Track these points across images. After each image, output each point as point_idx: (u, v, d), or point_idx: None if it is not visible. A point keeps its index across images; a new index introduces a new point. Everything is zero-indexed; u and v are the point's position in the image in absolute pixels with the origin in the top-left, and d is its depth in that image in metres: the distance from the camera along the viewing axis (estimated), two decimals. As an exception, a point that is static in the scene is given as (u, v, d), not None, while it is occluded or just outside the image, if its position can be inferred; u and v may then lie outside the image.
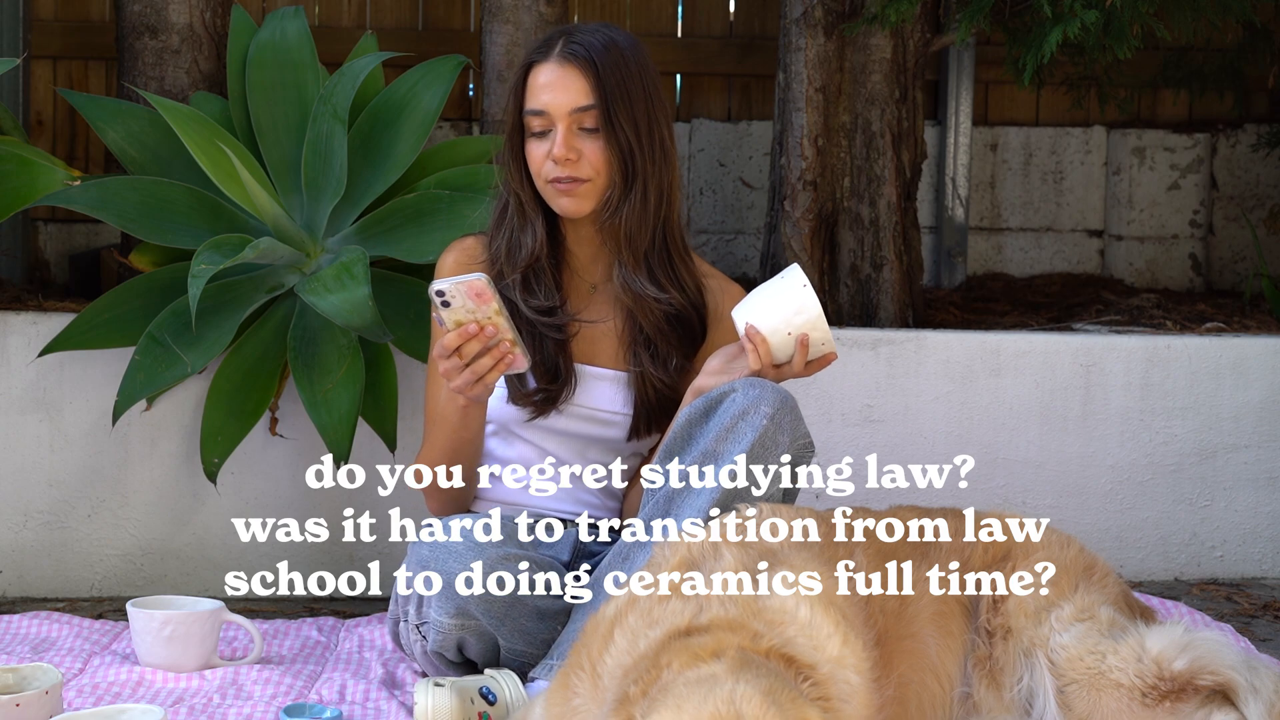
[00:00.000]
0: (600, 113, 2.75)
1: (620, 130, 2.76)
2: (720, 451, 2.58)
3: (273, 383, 3.45)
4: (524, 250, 2.84)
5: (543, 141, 2.78)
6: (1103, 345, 3.76)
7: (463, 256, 2.91)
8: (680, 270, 2.86)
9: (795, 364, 2.67)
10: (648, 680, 2.00)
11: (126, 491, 3.53)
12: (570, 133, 2.76)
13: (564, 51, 2.76)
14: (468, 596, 2.58)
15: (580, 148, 2.76)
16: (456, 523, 2.65)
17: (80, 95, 3.64)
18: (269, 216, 3.40)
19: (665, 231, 2.84)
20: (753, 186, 4.82)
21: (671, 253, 2.86)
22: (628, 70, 2.78)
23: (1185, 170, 4.99)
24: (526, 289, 2.84)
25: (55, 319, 3.49)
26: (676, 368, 2.85)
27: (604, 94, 2.75)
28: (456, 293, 2.58)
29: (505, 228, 2.87)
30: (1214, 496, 3.79)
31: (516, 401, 2.84)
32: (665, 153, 2.82)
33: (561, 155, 2.75)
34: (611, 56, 2.77)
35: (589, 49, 2.76)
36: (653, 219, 2.82)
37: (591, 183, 2.78)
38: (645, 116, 2.78)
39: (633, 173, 2.78)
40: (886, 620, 2.36)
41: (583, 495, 2.92)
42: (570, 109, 2.75)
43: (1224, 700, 2.38)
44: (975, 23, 3.77)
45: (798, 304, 2.64)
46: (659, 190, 2.81)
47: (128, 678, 2.82)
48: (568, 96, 2.75)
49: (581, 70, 2.75)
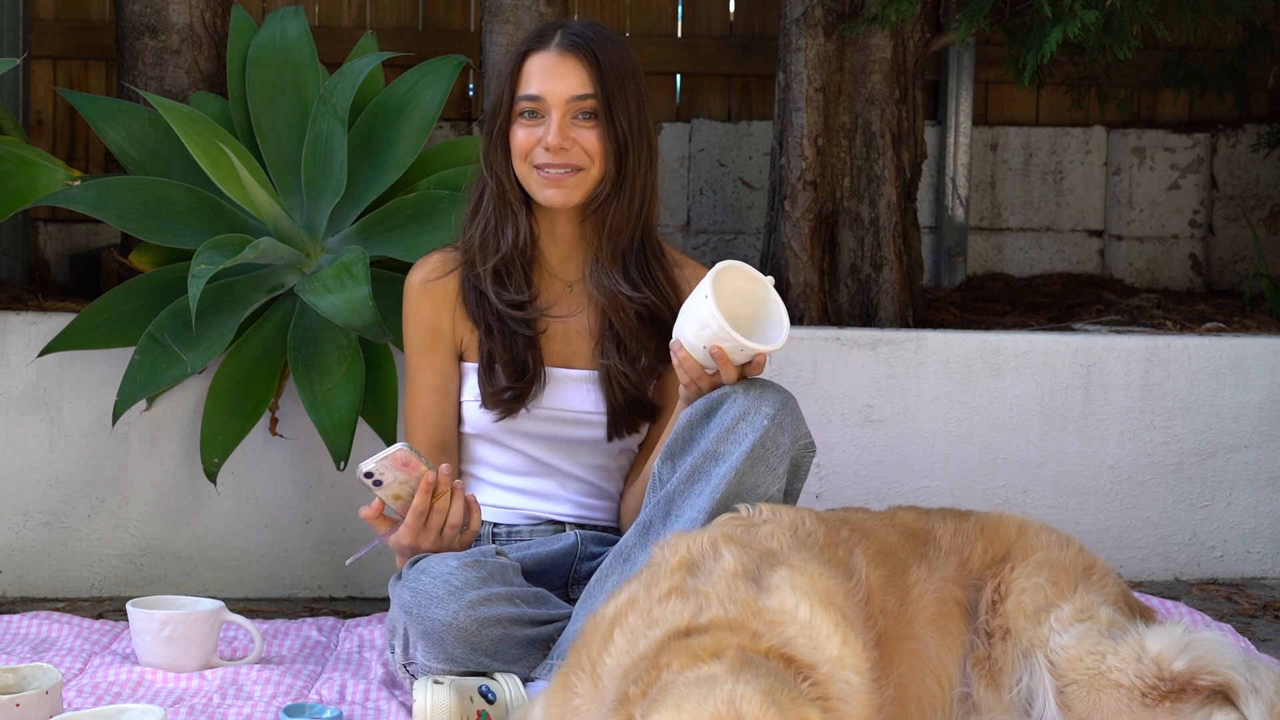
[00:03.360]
0: (600, 102, 2.76)
1: (619, 122, 2.77)
2: (721, 452, 2.58)
3: (273, 383, 3.45)
4: (505, 242, 2.84)
5: (534, 128, 2.78)
6: (1103, 345, 3.76)
7: (429, 274, 2.92)
8: (655, 270, 2.88)
9: (725, 374, 2.62)
10: (647, 680, 2.00)
11: (126, 491, 3.53)
12: (565, 121, 2.76)
13: (564, 41, 2.78)
14: (452, 642, 2.58)
15: (574, 136, 2.77)
16: (437, 564, 2.64)
17: (80, 95, 3.64)
18: (269, 216, 3.40)
19: (644, 231, 2.87)
20: (753, 186, 4.82)
21: (648, 253, 2.88)
22: (625, 66, 2.80)
23: (1185, 170, 4.99)
24: (498, 281, 2.85)
25: (55, 319, 3.49)
26: (644, 367, 2.85)
27: (604, 84, 2.76)
28: (385, 469, 2.62)
29: (481, 217, 2.87)
30: (1214, 496, 3.79)
31: (486, 403, 2.85)
32: (652, 153, 2.84)
33: (555, 143, 2.75)
34: (610, 50, 2.79)
35: (589, 40, 2.78)
36: (635, 217, 2.84)
37: (585, 172, 2.78)
38: (638, 114, 2.81)
39: (624, 167, 2.80)
40: (886, 620, 2.36)
41: (574, 497, 2.93)
42: (568, 97, 2.76)
43: (1224, 700, 2.38)
44: (975, 23, 3.77)
45: (702, 318, 2.58)
46: (644, 189, 2.83)
47: (128, 678, 2.82)
48: (566, 84, 2.76)
49: (582, 60, 2.76)
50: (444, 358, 2.91)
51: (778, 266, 4.06)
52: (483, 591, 2.59)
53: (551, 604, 2.70)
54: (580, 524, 2.92)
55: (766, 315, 2.65)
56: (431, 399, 2.92)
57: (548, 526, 2.91)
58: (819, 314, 4.03)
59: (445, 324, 2.90)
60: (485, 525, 2.92)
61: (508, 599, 2.62)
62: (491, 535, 2.92)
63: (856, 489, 3.65)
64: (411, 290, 2.93)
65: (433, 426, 2.92)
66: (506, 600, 2.62)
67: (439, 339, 2.91)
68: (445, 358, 2.91)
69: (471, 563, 2.64)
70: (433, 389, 2.92)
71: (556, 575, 2.85)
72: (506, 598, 2.62)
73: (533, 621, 2.63)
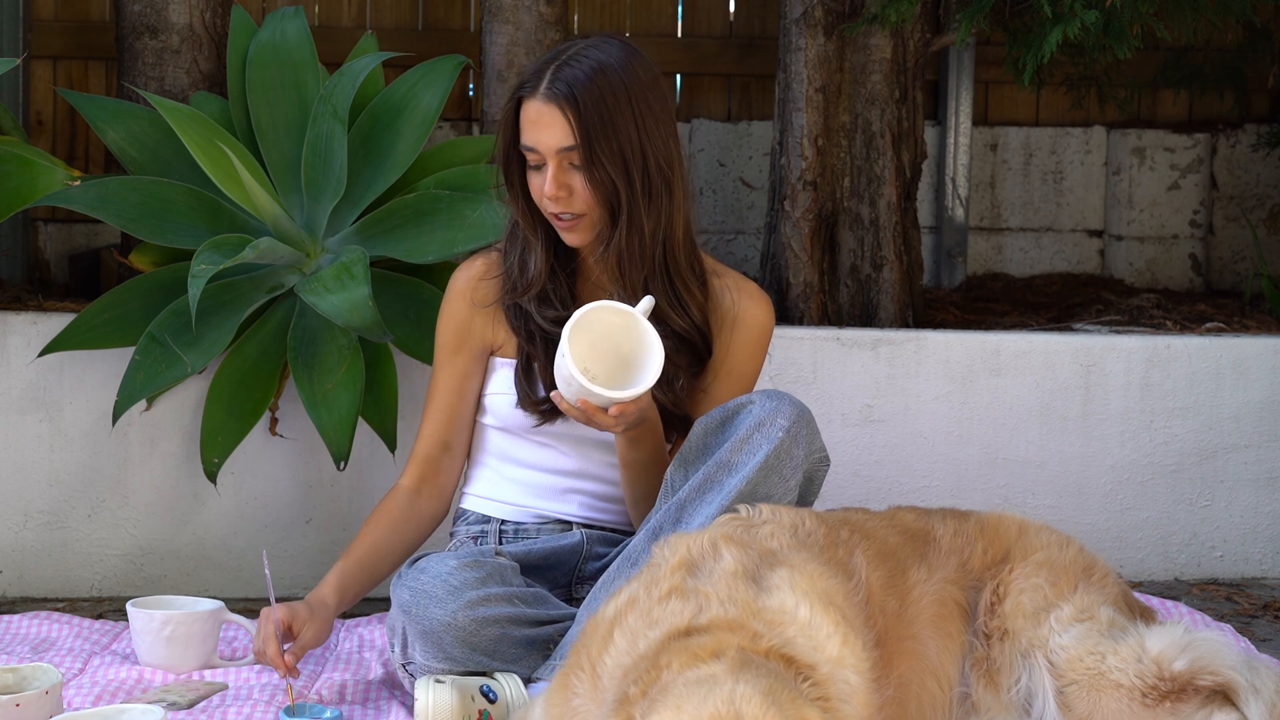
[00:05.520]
0: (581, 153, 2.70)
1: (601, 169, 2.70)
2: (735, 462, 2.58)
3: (273, 383, 3.45)
4: (530, 272, 2.84)
5: (539, 175, 2.75)
6: (1103, 345, 3.76)
7: (472, 278, 2.91)
8: (684, 294, 2.82)
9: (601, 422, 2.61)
10: (647, 680, 2.00)
11: (126, 491, 3.53)
12: (560, 170, 2.72)
13: (547, 90, 2.70)
14: (450, 641, 2.58)
15: (571, 184, 2.73)
16: (436, 564, 2.64)
17: (80, 95, 3.64)
18: (269, 216, 3.40)
19: (668, 256, 2.79)
20: (753, 186, 4.82)
21: (674, 277, 2.80)
22: (615, 100, 2.70)
23: (1185, 170, 4.99)
24: (541, 300, 2.84)
25: (55, 319, 3.49)
26: (682, 387, 2.83)
27: (585, 133, 2.68)
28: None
29: (515, 246, 2.87)
30: (1214, 496, 3.79)
31: (524, 407, 2.84)
32: (665, 178, 2.75)
33: (552, 193, 2.72)
34: (595, 90, 2.69)
35: (572, 85, 2.69)
36: (649, 248, 2.76)
37: (586, 217, 2.76)
38: (634, 147, 2.71)
39: (618, 208, 2.73)
40: (886, 621, 2.36)
41: (586, 498, 2.92)
42: (556, 149, 2.71)
43: (1224, 700, 2.39)
44: (975, 23, 3.77)
45: (565, 375, 2.58)
46: (656, 218, 2.75)
47: (127, 677, 2.82)
48: (551, 136, 2.70)
49: (562, 110, 2.69)
50: (468, 359, 2.92)
51: (778, 266, 4.06)
52: (481, 591, 2.59)
53: (550, 604, 2.70)
54: (588, 524, 2.92)
55: (644, 348, 2.62)
56: (447, 399, 2.92)
57: (555, 525, 2.91)
58: (819, 314, 4.03)
59: (479, 327, 2.90)
60: (492, 522, 2.92)
61: (506, 599, 2.62)
62: (499, 532, 2.92)
63: (856, 489, 3.65)
64: (454, 290, 2.92)
65: (442, 425, 2.93)
66: (505, 600, 2.62)
67: (467, 341, 2.91)
68: (470, 359, 2.92)
69: (470, 562, 2.64)
70: (450, 390, 2.92)
71: (561, 573, 2.85)
72: (505, 598, 2.62)
73: (531, 622, 2.63)
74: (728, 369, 2.85)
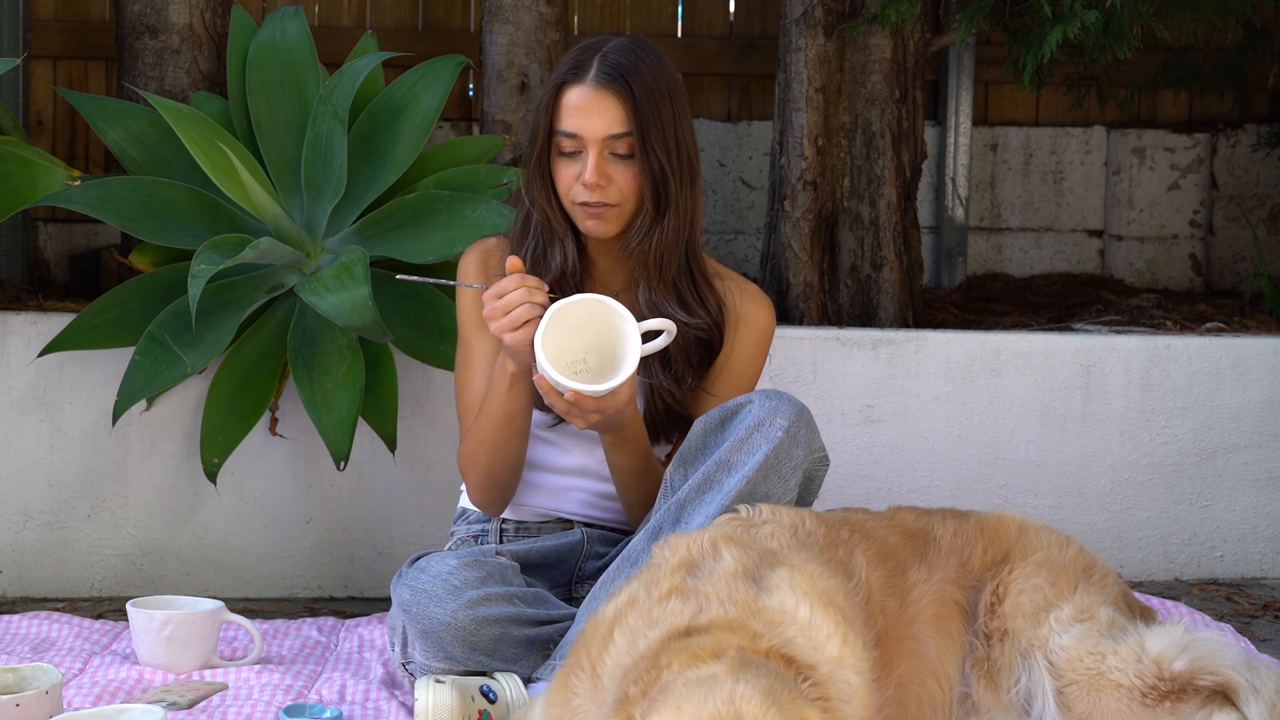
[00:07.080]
0: (635, 140, 2.70)
1: (654, 157, 2.71)
2: (735, 461, 2.58)
3: (273, 383, 3.45)
4: (554, 267, 2.81)
5: (573, 163, 2.74)
6: (1103, 345, 3.76)
7: (487, 250, 2.89)
8: (704, 290, 2.83)
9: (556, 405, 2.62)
10: (647, 680, 2.00)
11: (126, 491, 3.53)
12: (601, 158, 2.71)
13: (599, 74, 2.70)
14: (450, 641, 2.58)
15: (610, 173, 2.72)
16: (436, 563, 2.64)
17: (80, 95, 3.64)
18: (269, 216, 3.40)
19: (690, 252, 2.81)
20: (753, 186, 4.82)
21: (695, 273, 2.82)
22: (661, 94, 2.72)
23: (1185, 170, 5.00)
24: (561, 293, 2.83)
25: (55, 319, 3.50)
26: (689, 386, 2.84)
27: (639, 121, 2.69)
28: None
29: (531, 240, 2.84)
30: (1214, 496, 3.79)
31: (540, 406, 2.83)
32: (693, 173, 2.78)
33: (593, 181, 2.71)
34: (646, 81, 2.71)
35: (624, 72, 2.70)
36: (681, 242, 2.78)
37: (619, 208, 2.75)
38: (675, 140, 2.73)
39: (666, 199, 2.74)
40: (886, 621, 2.36)
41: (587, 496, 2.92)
42: (604, 135, 2.70)
43: (1224, 700, 2.39)
44: (975, 23, 3.77)
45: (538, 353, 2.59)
46: (687, 211, 2.77)
47: (127, 677, 2.82)
48: (602, 122, 2.70)
49: (617, 96, 2.69)
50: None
51: (778, 266, 4.06)
52: (481, 591, 2.59)
53: (550, 604, 2.70)
54: (589, 523, 2.92)
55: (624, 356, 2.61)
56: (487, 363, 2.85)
57: (556, 524, 2.91)
58: (819, 314, 4.03)
59: None
60: (493, 520, 2.92)
61: (506, 599, 2.62)
62: (499, 531, 2.92)
63: (856, 489, 3.65)
64: (467, 266, 2.87)
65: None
66: (505, 600, 2.62)
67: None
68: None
69: (471, 562, 2.64)
70: (486, 358, 2.85)
71: (561, 571, 2.85)
72: (505, 598, 2.62)
73: (531, 621, 2.63)
74: (729, 370, 2.85)
